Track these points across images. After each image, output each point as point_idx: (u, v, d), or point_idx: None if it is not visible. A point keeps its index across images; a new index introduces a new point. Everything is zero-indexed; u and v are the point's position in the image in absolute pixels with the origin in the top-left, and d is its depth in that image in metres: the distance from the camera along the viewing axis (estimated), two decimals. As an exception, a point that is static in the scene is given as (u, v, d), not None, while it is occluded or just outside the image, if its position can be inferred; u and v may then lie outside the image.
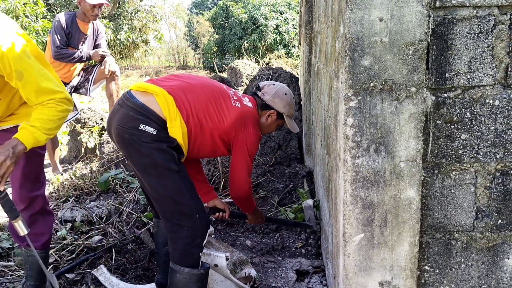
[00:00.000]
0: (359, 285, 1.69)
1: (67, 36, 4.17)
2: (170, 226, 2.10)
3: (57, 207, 3.53)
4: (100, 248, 2.81)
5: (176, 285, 2.12)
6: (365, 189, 1.62)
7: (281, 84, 2.52)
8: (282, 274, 2.77)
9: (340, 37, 1.64)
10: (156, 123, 2.04)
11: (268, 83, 2.51)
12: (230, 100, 2.25)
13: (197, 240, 2.09)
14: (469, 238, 1.70)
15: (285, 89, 2.48)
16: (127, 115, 2.05)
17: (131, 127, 2.03)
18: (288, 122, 2.50)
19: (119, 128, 2.06)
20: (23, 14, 10.75)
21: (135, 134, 2.02)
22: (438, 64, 1.57)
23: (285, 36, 13.75)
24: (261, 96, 2.45)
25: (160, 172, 2.04)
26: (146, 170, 2.06)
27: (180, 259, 2.09)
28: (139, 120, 2.02)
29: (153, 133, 2.01)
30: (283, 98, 2.44)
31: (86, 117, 5.22)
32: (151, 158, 2.03)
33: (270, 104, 2.42)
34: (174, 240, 2.10)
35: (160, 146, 2.03)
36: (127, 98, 2.11)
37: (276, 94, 2.43)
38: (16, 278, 2.52)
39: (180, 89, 2.15)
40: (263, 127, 2.45)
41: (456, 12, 1.55)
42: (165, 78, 2.28)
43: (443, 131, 1.62)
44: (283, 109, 2.44)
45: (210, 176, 3.63)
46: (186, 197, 2.08)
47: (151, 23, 15.37)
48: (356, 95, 1.56)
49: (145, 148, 2.02)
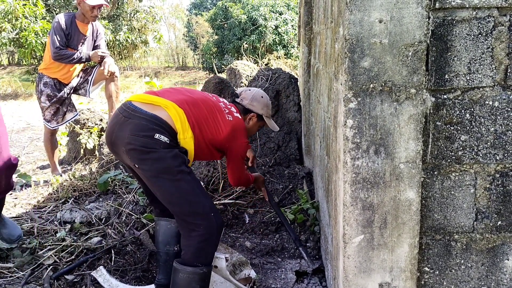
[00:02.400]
0: (359, 286, 1.69)
1: (66, 37, 4.16)
2: (187, 226, 2.14)
3: (56, 208, 3.52)
4: (99, 249, 2.81)
5: (178, 284, 2.13)
6: (365, 191, 1.62)
7: (256, 89, 2.74)
8: (281, 275, 2.76)
9: (340, 38, 1.64)
10: (169, 133, 2.13)
11: (245, 89, 2.74)
12: (224, 114, 2.40)
13: (212, 239, 2.14)
14: (468, 240, 1.70)
15: (260, 92, 2.70)
16: (140, 125, 2.09)
17: (146, 136, 2.07)
18: (268, 122, 2.73)
19: (131, 137, 2.08)
20: (22, 15, 10.75)
21: (149, 142, 2.07)
22: (437, 66, 1.58)
23: (284, 37, 13.76)
24: (240, 102, 2.66)
25: (173, 175, 2.10)
26: (159, 175, 2.10)
27: (192, 257, 2.12)
28: (154, 130, 2.08)
29: (166, 141, 2.10)
30: (260, 101, 2.66)
31: (85, 118, 5.22)
32: (166, 163, 2.09)
33: (249, 108, 2.64)
34: (189, 239, 2.13)
35: (173, 152, 2.11)
36: (133, 110, 2.14)
37: (253, 98, 2.65)
38: (16, 279, 2.51)
39: (186, 102, 2.26)
40: (247, 130, 2.62)
41: (455, 13, 1.55)
42: (166, 91, 2.35)
43: (443, 132, 1.62)
44: (262, 111, 2.67)
45: (209, 177, 3.62)
46: (200, 197, 2.14)
47: (150, 23, 15.38)
48: (356, 97, 1.56)
49: (158, 154, 2.07)
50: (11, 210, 3.51)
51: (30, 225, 3.13)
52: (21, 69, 18.38)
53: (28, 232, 3.03)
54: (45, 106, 4.35)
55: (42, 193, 3.95)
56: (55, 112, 4.40)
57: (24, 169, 4.98)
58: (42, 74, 4.35)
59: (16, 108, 10.25)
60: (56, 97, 4.35)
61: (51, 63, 4.25)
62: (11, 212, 3.46)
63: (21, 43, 11.07)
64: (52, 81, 4.33)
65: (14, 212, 3.48)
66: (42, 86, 4.32)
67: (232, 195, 3.47)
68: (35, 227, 3.09)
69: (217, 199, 3.46)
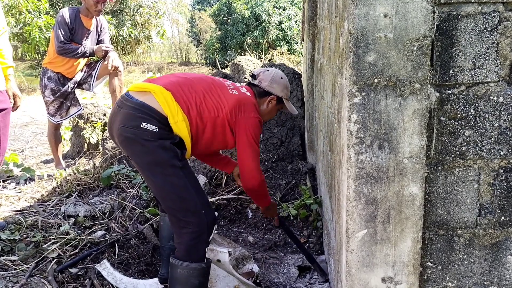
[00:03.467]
0: (362, 281, 1.70)
1: (70, 31, 4.17)
2: (176, 222, 2.11)
3: (60, 202, 3.54)
4: (103, 243, 2.82)
5: (177, 280, 2.11)
6: (369, 185, 1.62)
7: (275, 69, 2.53)
8: (284, 270, 2.77)
9: (345, 33, 1.64)
10: (158, 120, 2.05)
11: (263, 70, 2.51)
12: (227, 89, 2.25)
13: (203, 236, 2.10)
14: (472, 235, 1.70)
15: (280, 73, 2.49)
16: (128, 115, 2.06)
17: (133, 126, 2.03)
18: (288, 105, 2.51)
19: (121, 128, 2.07)
20: (26, 9, 10.74)
21: (137, 133, 2.03)
22: (442, 61, 1.57)
23: (288, 33, 13.72)
24: (258, 84, 2.45)
25: (164, 169, 2.04)
26: (150, 168, 2.07)
27: (185, 255, 2.09)
28: (141, 118, 2.03)
29: (155, 130, 2.02)
30: (280, 83, 2.45)
31: (89, 113, 5.23)
32: (155, 155, 2.03)
33: (269, 90, 2.43)
34: (180, 236, 2.11)
35: (163, 144, 2.04)
36: (126, 99, 2.12)
37: (273, 80, 2.44)
38: (20, 272, 2.53)
39: (177, 84, 2.16)
40: (263, 114, 2.45)
41: (461, 8, 1.54)
42: (162, 77, 2.29)
43: (447, 127, 1.62)
44: (282, 93, 2.46)
45: (212, 172, 3.63)
46: (191, 194, 2.08)
47: (154, 19, 15.34)
48: (360, 91, 1.56)
49: (147, 146, 2.02)
50: (15, 204, 3.53)
51: (34, 218, 3.14)
52: (24, 63, 18.40)
53: (32, 226, 3.05)
54: (49, 100, 4.36)
55: (46, 187, 3.97)
56: (59, 107, 4.42)
57: (28, 163, 5.00)
58: (46, 68, 4.36)
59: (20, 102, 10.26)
60: (60, 92, 4.36)
61: (55, 58, 4.26)
62: (15, 206, 3.48)
63: (24, 37, 11.07)
64: (56, 75, 4.34)
65: (18, 205, 3.50)
66: (46, 80, 4.33)
67: (235, 190, 3.48)
68: (39, 220, 3.10)
69: (220, 194, 3.48)
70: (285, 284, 2.61)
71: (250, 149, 2.21)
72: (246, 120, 2.21)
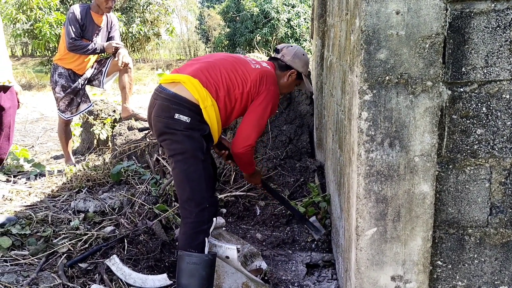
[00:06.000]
0: (371, 279, 1.69)
1: (81, 28, 4.19)
2: (183, 212, 2.24)
3: (70, 197, 3.57)
4: (112, 238, 2.84)
5: (184, 271, 2.17)
6: (379, 183, 1.62)
7: (298, 46, 2.69)
8: (292, 267, 2.77)
9: (356, 30, 1.63)
10: (189, 109, 2.18)
11: (286, 45, 2.67)
12: (250, 65, 2.39)
13: (203, 227, 2.21)
14: (482, 234, 1.69)
15: (302, 50, 2.65)
16: (162, 106, 2.21)
17: (167, 116, 2.18)
18: (306, 82, 2.67)
19: (156, 118, 2.22)
20: (37, 6, 10.83)
21: (170, 123, 2.17)
22: (454, 58, 1.56)
23: (297, 30, 13.69)
24: (281, 58, 2.59)
25: (186, 158, 2.17)
26: (175, 156, 2.20)
27: (185, 243, 2.19)
28: (174, 109, 2.17)
29: (187, 121, 2.16)
30: (301, 58, 2.60)
31: (99, 109, 5.26)
32: (182, 144, 2.17)
33: (290, 64, 2.58)
34: (185, 225, 2.22)
35: (193, 134, 2.18)
36: (160, 91, 2.27)
37: (295, 55, 2.59)
38: (30, 266, 2.55)
39: (203, 69, 2.30)
40: (282, 87, 2.59)
41: (473, 5, 1.53)
42: (186, 65, 2.41)
43: (459, 125, 1.61)
44: (302, 69, 2.61)
45: (221, 169, 3.64)
46: (203, 188, 2.20)
47: (163, 16, 15.39)
48: (371, 89, 1.55)
49: (178, 135, 2.17)
50: (26, 199, 3.57)
51: (45, 213, 3.17)
52: (34, 60, 18.55)
53: (43, 221, 3.08)
54: (60, 96, 4.40)
55: (56, 182, 4.01)
56: (69, 103, 4.45)
57: (38, 159, 5.05)
58: (56, 64, 4.39)
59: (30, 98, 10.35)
60: (71, 88, 4.39)
61: (65, 54, 4.29)
62: (25, 201, 3.51)
63: (35, 34, 11.17)
64: (66, 71, 4.37)
65: (29, 200, 3.53)
66: (56, 76, 4.37)
67: (243, 187, 3.48)
68: (50, 215, 3.13)
69: (228, 191, 3.48)
70: (293, 282, 2.61)
71: (257, 121, 2.32)
72: (267, 92, 2.34)
